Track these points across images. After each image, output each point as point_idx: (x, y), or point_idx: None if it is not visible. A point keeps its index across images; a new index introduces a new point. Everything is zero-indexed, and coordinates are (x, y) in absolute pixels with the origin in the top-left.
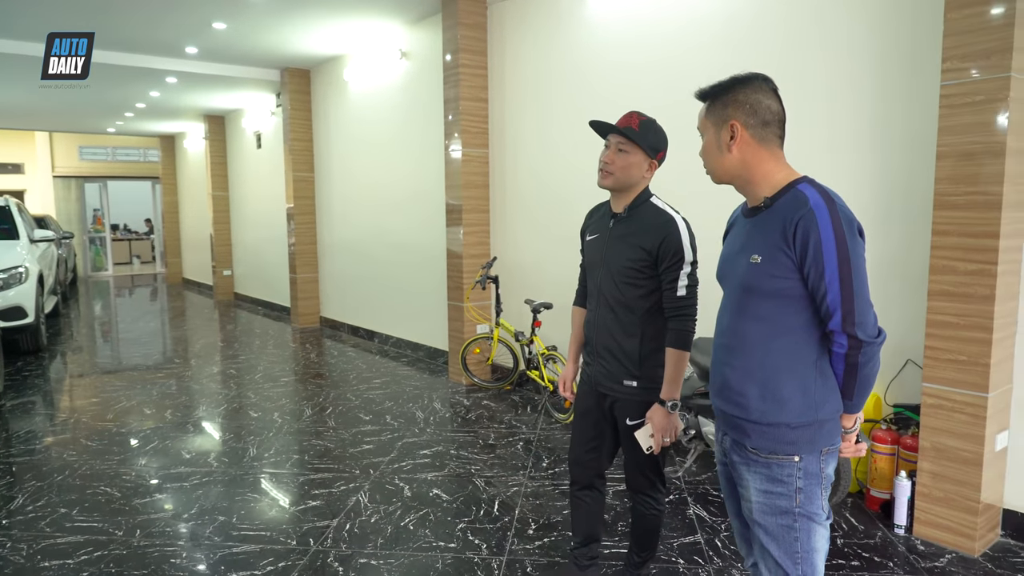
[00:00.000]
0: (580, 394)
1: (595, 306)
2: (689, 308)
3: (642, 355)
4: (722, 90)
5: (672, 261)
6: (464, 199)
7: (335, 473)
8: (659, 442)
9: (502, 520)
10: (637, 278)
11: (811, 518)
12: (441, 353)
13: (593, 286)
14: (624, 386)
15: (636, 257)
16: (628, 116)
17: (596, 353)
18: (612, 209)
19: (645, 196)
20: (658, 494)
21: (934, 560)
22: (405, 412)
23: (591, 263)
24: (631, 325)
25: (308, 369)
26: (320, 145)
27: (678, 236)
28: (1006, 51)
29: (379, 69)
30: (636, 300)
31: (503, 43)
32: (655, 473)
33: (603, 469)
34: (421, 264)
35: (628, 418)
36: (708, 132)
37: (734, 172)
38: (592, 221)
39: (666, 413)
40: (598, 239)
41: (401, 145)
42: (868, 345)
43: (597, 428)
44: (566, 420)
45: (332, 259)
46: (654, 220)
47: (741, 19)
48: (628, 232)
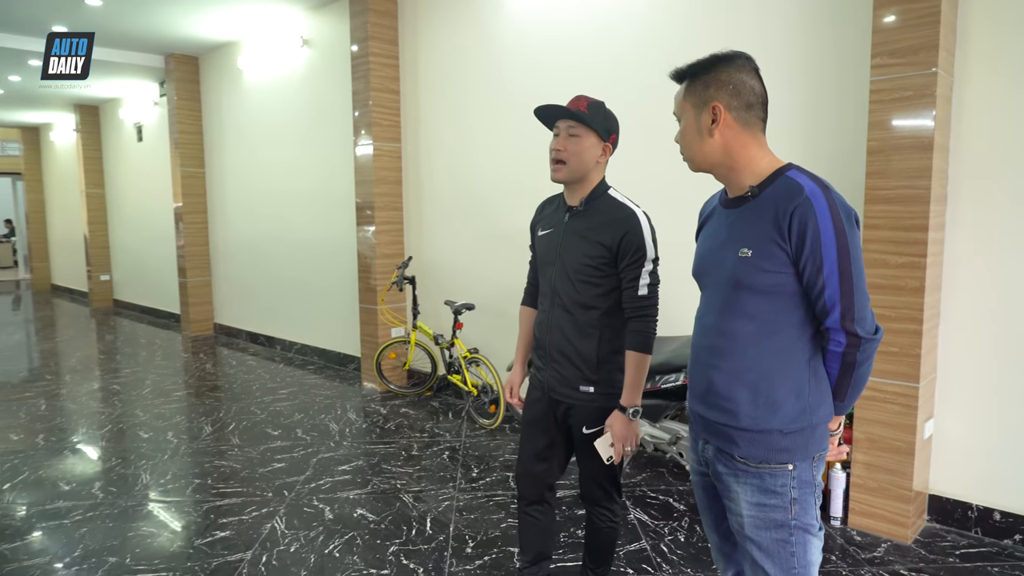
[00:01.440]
0: (530, 401)
1: (549, 306)
2: (651, 308)
3: (600, 358)
4: (702, 69)
5: (633, 258)
6: (376, 196)
7: (244, 498)
8: (620, 451)
9: (436, 539)
10: (595, 276)
11: (807, 530)
12: (352, 359)
13: (547, 285)
14: (580, 392)
15: (595, 254)
16: (576, 100)
17: (549, 357)
18: (567, 202)
19: (603, 188)
20: (615, 505)
21: (871, 550)
22: (317, 424)
23: (544, 260)
24: (588, 327)
25: (204, 381)
26: (211, 139)
27: (640, 231)
28: (932, 48)
29: (278, 57)
30: (594, 300)
31: (416, 33)
32: (612, 484)
33: (554, 481)
34: (328, 265)
35: (584, 426)
36: (687, 115)
37: (715, 159)
38: (544, 215)
39: (627, 420)
40: (552, 234)
41: (304, 139)
42: (867, 342)
43: (548, 437)
44: (491, 426)
45: (227, 261)
46: (614, 214)
47: (666, 15)
48: (586, 227)
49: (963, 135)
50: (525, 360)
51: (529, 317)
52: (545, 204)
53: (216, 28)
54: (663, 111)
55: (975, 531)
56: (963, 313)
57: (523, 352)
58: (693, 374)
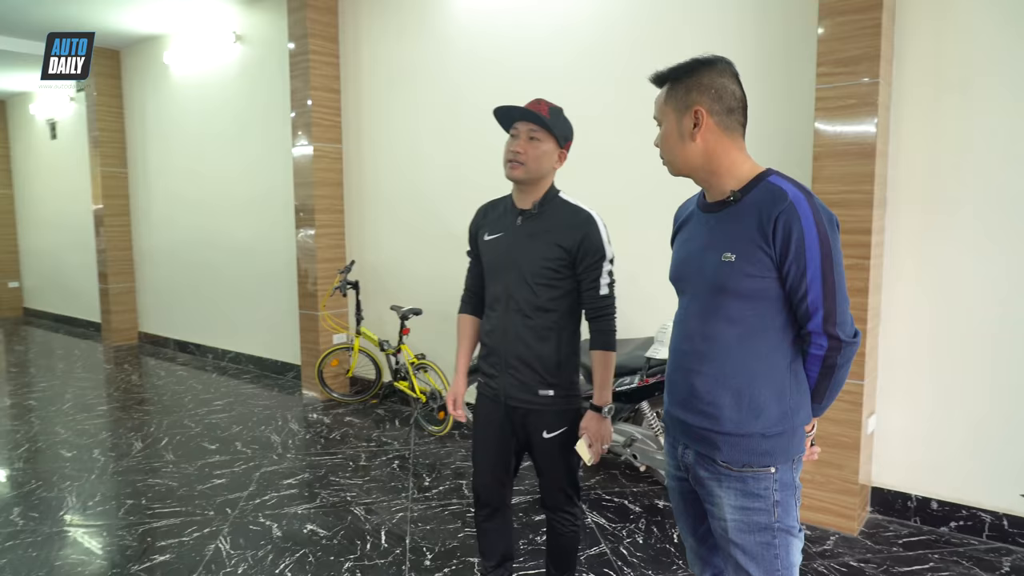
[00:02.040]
0: (482, 411)
1: (502, 312)
2: (612, 307)
3: (559, 361)
4: (684, 73)
5: (593, 260)
6: (316, 199)
7: (184, 517)
8: (598, 452)
9: (393, 553)
10: (554, 279)
11: (789, 532)
12: (291, 367)
13: (499, 290)
14: (540, 396)
15: (553, 256)
16: (537, 102)
17: (505, 364)
18: (517, 205)
19: (555, 191)
20: (576, 509)
21: (821, 543)
22: (258, 436)
23: (495, 265)
24: (546, 330)
25: (130, 394)
26: (134, 137)
27: (598, 233)
28: (874, 59)
29: (208, 53)
30: (552, 302)
31: (357, 30)
32: (573, 488)
33: (510, 488)
34: (265, 270)
35: (545, 431)
36: (668, 119)
37: (696, 163)
38: (489, 219)
39: (602, 419)
40: (502, 239)
41: (239, 139)
42: (848, 346)
43: (504, 446)
44: (440, 432)
45: (153, 267)
46: (572, 218)
47: (614, 20)
48: (542, 230)
49: (901, 142)
50: (467, 370)
51: (470, 325)
52: (487, 208)
53: (140, 20)
54: (616, 114)
55: (915, 520)
56: (901, 313)
57: (465, 362)
58: (673, 379)
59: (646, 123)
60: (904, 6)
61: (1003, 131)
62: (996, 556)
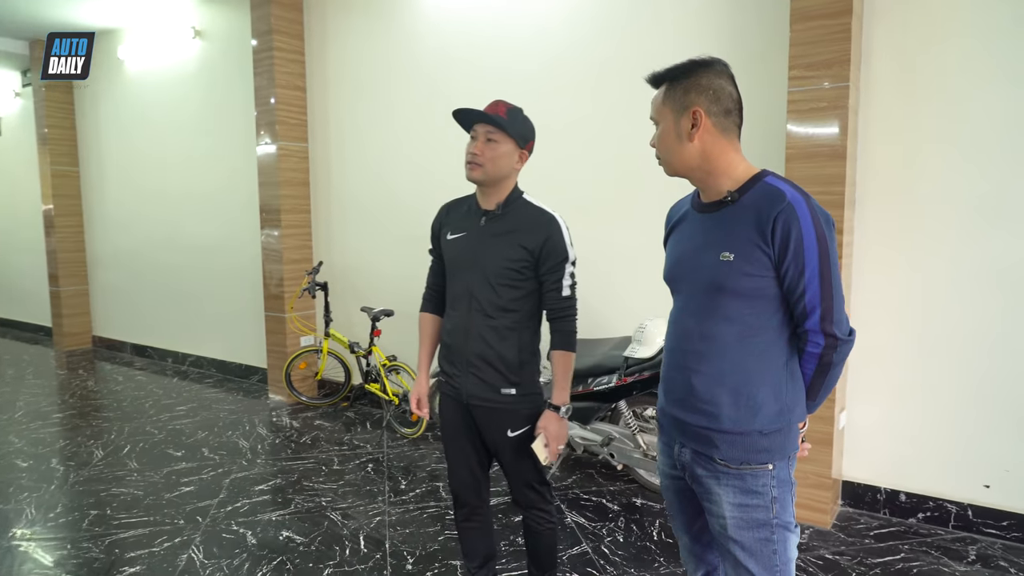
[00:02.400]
0: (447, 411)
1: (465, 311)
2: (573, 308)
3: (521, 360)
4: (682, 74)
5: (556, 261)
6: (282, 198)
7: (153, 527)
8: (555, 451)
9: (373, 558)
10: (516, 279)
11: (786, 527)
12: (256, 371)
13: (461, 290)
14: (502, 395)
15: (517, 257)
16: (495, 104)
17: (467, 363)
18: (481, 206)
19: (518, 192)
20: (550, 506)
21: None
22: (225, 442)
23: (457, 265)
24: (507, 330)
25: (87, 400)
26: (87, 135)
27: (561, 235)
28: (844, 63)
29: (166, 48)
30: (514, 303)
31: (324, 27)
32: (543, 485)
33: (487, 486)
34: (228, 272)
35: (509, 429)
36: (665, 120)
37: (693, 163)
38: (452, 218)
39: (559, 419)
40: (465, 238)
41: (199, 138)
42: (844, 343)
43: (474, 445)
44: (414, 435)
45: (107, 269)
46: (535, 219)
47: (588, 22)
48: (506, 230)
49: (869, 144)
50: (429, 369)
51: (432, 324)
52: (450, 207)
53: (91, 13)
54: (593, 116)
55: (884, 512)
56: (869, 311)
57: (427, 361)
58: (670, 378)
59: (624, 124)
60: (871, 12)
61: (967, 133)
62: (962, 545)
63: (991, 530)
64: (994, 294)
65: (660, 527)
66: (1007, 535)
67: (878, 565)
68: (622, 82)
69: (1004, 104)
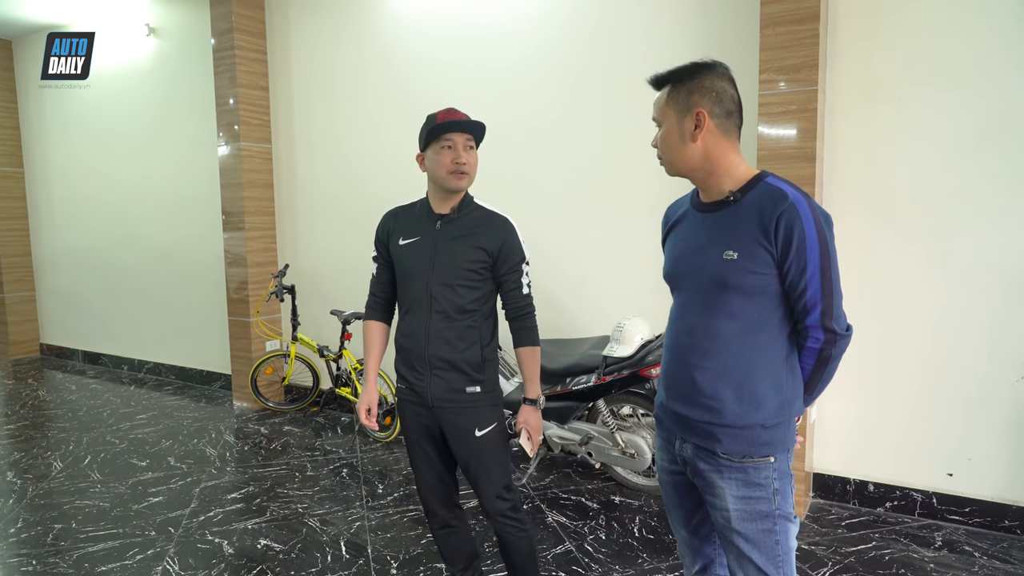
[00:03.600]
0: (409, 417)
1: (424, 315)
2: (532, 305)
3: (484, 358)
4: (685, 75)
5: (514, 262)
6: (245, 200)
7: (123, 539)
8: (536, 442)
9: (356, 563)
10: (475, 280)
11: (787, 518)
12: (218, 376)
13: (418, 293)
14: (467, 394)
15: (476, 259)
16: (454, 111)
17: (430, 366)
18: (435, 210)
19: (470, 196)
20: (519, 514)
21: None
22: (192, 451)
23: (412, 269)
24: (468, 330)
25: (40, 411)
26: (32, 134)
27: (515, 237)
28: (812, 67)
29: (117, 46)
30: (474, 303)
31: (287, 26)
32: (509, 491)
33: (457, 490)
34: (188, 276)
35: (477, 428)
36: (668, 120)
37: (695, 164)
38: (402, 224)
39: (536, 411)
40: (420, 243)
41: (156, 138)
42: (843, 338)
43: (438, 449)
44: (387, 438)
45: (56, 273)
46: (491, 222)
47: (558, 24)
48: (463, 233)
49: (836, 146)
50: (376, 377)
51: (379, 332)
52: (397, 213)
53: (36, 8)
54: (566, 117)
55: (853, 503)
56: None
57: (375, 369)
58: (671, 374)
59: (598, 126)
60: (836, 18)
61: (929, 136)
62: (929, 532)
63: (955, 516)
64: (951, 289)
65: (641, 523)
66: (970, 520)
67: (852, 554)
68: (591, 84)
69: (961, 109)
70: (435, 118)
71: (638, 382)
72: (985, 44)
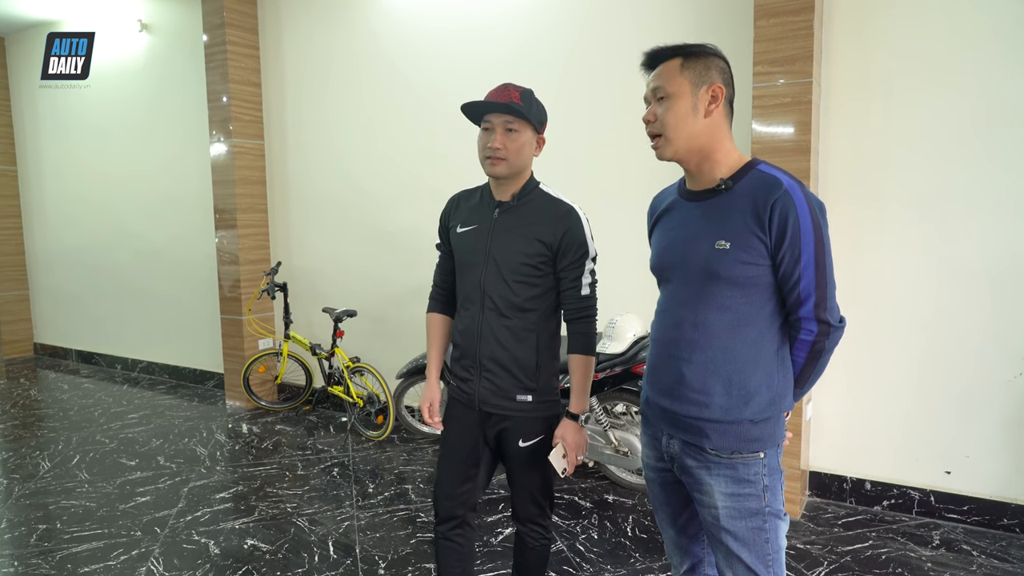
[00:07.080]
0: (454, 417)
1: (478, 311)
2: (593, 308)
3: (539, 364)
4: (699, 50)
5: (575, 256)
6: (238, 197)
7: (108, 540)
8: (573, 462)
9: (344, 564)
10: (533, 275)
11: (777, 515)
12: (211, 375)
13: (472, 288)
14: (517, 402)
15: (533, 252)
16: (504, 89)
17: (480, 367)
18: (495, 197)
19: (534, 182)
20: (548, 521)
21: None
22: (182, 450)
23: (469, 261)
24: (524, 331)
25: (31, 410)
26: (24, 132)
27: (581, 228)
28: (807, 59)
29: (109, 42)
30: (531, 301)
31: (279, 21)
32: (547, 499)
33: (476, 501)
34: (180, 274)
35: (521, 439)
36: (681, 91)
37: (698, 143)
38: (462, 210)
39: (578, 428)
40: (476, 231)
41: (149, 135)
42: (836, 330)
43: (475, 455)
44: (379, 437)
45: (50, 273)
46: (553, 210)
47: (552, 16)
48: (521, 223)
49: (830, 139)
50: (439, 372)
51: (441, 325)
52: (460, 198)
53: (29, 4)
54: (556, 109)
55: (850, 501)
56: None
57: (437, 364)
58: (658, 368)
59: (586, 119)
60: (830, 9)
61: (923, 129)
62: (927, 531)
63: (953, 515)
64: (948, 283)
65: (634, 523)
66: (968, 519)
67: (848, 553)
68: (582, 77)
69: (955, 102)
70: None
71: (631, 379)
72: (980, 37)
